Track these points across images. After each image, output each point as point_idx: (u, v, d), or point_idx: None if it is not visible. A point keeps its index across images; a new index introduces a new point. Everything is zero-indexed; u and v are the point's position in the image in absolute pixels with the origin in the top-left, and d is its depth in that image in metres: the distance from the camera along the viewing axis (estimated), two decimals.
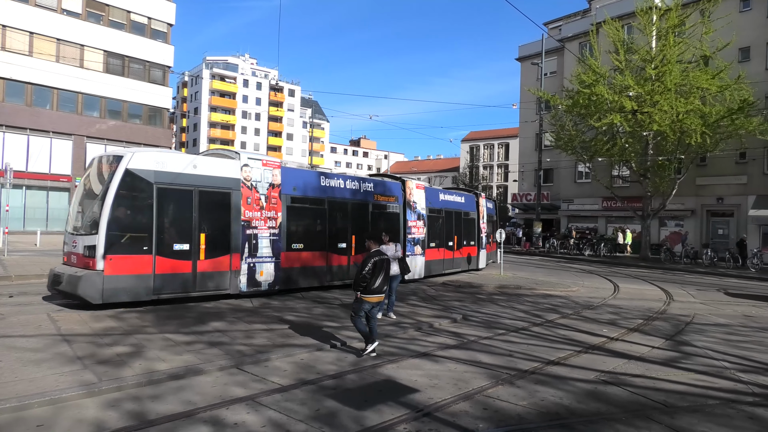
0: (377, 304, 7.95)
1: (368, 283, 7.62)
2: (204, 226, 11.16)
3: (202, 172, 11.26)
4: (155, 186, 10.41)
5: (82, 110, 34.26)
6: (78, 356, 6.84)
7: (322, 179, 14.23)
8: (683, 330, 10.87)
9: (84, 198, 10.96)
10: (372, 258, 7.68)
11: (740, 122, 23.55)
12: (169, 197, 10.72)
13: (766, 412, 5.89)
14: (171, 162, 10.79)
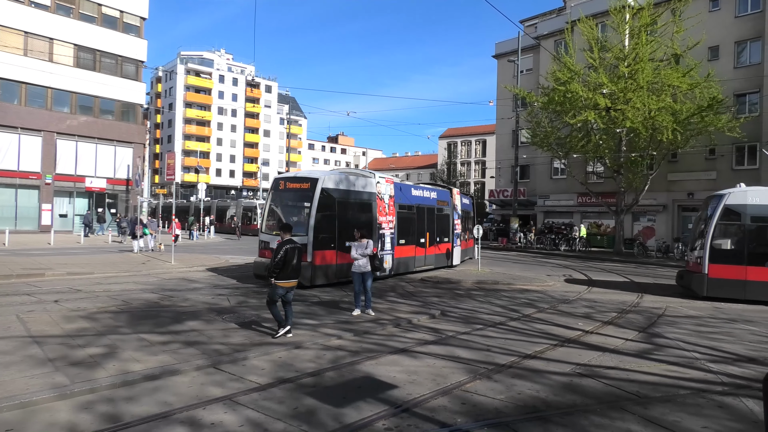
0: (290, 288, 8.53)
1: (281, 270, 8.23)
2: (357, 227, 13.53)
3: (355, 188, 15.52)
4: (336, 200, 14.61)
5: (51, 105, 33.39)
6: (49, 358, 6.68)
7: (413, 190, 18.88)
8: (656, 322, 11.12)
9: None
10: (284, 246, 8.30)
11: (710, 119, 24.15)
12: (343, 206, 14.83)
13: (734, 401, 6.07)
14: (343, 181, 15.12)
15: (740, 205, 14.35)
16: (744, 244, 14.22)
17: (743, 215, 14.27)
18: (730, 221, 14.46)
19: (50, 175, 33.19)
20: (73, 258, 19.48)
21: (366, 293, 10.47)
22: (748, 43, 29.40)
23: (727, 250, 14.36)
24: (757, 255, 14.13)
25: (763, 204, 14.23)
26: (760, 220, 14.27)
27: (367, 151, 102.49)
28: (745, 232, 14.32)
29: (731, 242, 14.44)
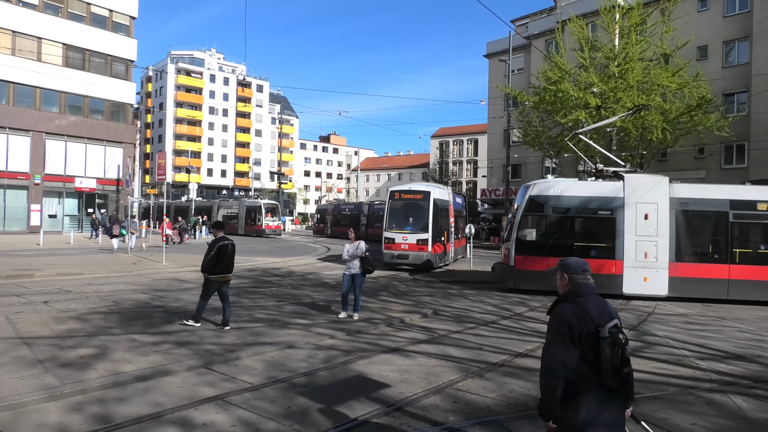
0: (225, 283, 8.91)
1: (215, 265, 8.61)
2: (445, 226, 17.36)
3: (442, 197, 20.75)
4: (438, 207, 19.74)
5: (40, 105, 33.09)
6: (39, 359, 6.64)
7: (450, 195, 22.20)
8: (645, 320, 11.21)
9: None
10: (217, 243, 8.65)
11: (699, 119, 24.36)
12: (439, 210, 19.82)
13: (722, 398, 6.14)
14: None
15: (544, 196, 14.34)
16: (547, 236, 14.35)
17: (546, 206, 14.31)
18: (534, 212, 14.43)
19: (39, 175, 32.88)
20: (63, 259, 19.33)
21: (356, 296, 10.32)
22: (736, 43, 29.69)
23: (532, 242, 14.36)
24: (560, 246, 14.20)
25: (565, 195, 14.28)
26: (562, 212, 14.38)
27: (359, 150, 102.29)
28: (548, 224, 14.42)
29: (536, 233, 14.44)
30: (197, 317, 8.85)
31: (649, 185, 14.15)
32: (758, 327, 10.96)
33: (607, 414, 2.93)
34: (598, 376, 2.90)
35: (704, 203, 14.19)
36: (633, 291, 13.90)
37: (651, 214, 13.90)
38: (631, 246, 13.92)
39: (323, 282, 15.59)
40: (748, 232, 14.37)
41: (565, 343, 2.95)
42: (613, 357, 2.89)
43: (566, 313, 3.02)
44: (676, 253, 13.98)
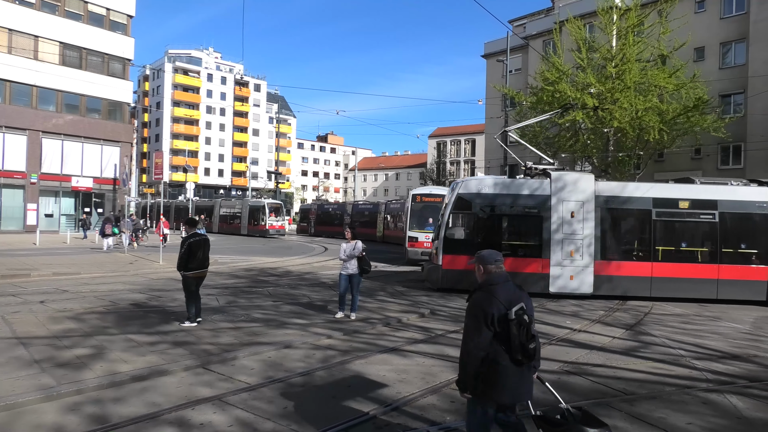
0: (202, 279, 9.11)
1: (187, 262, 8.75)
2: None
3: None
4: None
5: (36, 104, 32.99)
6: (35, 359, 6.62)
7: None
8: (642, 320, 11.24)
9: None
10: (188, 240, 8.81)
11: (695, 119, 24.42)
12: None
13: (718, 397, 6.16)
14: None
15: (472, 194, 14.10)
16: (475, 235, 14.09)
17: (474, 204, 14.07)
18: (462, 211, 14.17)
19: (36, 174, 32.79)
20: (59, 258, 19.28)
21: (353, 296, 10.31)
22: (733, 44, 29.78)
23: (460, 241, 14.07)
24: (487, 245, 13.44)
25: (493, 193, 14.10)
26: (490, 210, 14.20)
27: (357, 150, 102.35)
28: (476, 222, 14.21)
29: (464, 232, 14.25)
30: (190, 316, 8.90)
31: (575, 183, 14.07)
32: (754, 327, 11.01)
33: (517, 381, 3.54)
34: (508, 351, 3.48)
35: (628, 201, 14.19)
36: (559, 289, 13.80)
37: (577, 212, 13.84)
38: (558, 244, 13.84)
39: (320, 282, 15.58)
40: (670, 230, 14.48)
41: (480, 326, 3.50)
42: (520, 335, 3.47)
43: (481, 301, 3.57)
44: (601, 251, 13.92)
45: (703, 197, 14.21)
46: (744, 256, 14.17)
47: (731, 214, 14.19)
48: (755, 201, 14.23)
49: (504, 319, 3.48)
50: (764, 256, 14.03)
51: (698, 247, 14.45)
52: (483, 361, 3.51)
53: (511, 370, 3.50)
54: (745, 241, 14.38)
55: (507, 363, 3.49)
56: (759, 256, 14.09)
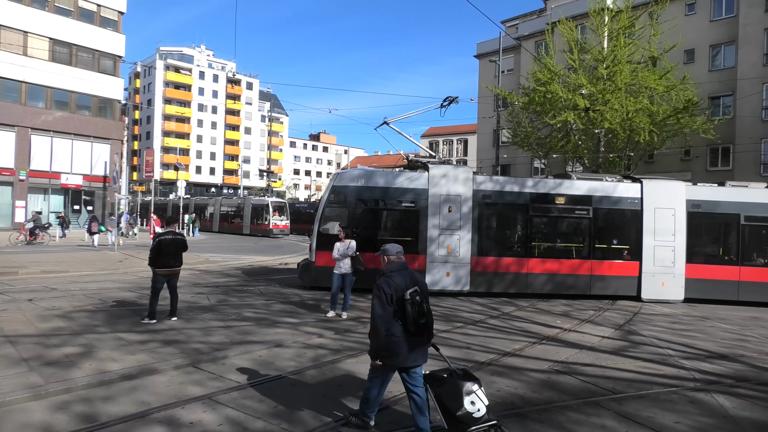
0: (171, 276, 9.17)
1: (156, 259, 8.88)
2: None
3: None
4: None
5: (25, 100, 32.62)
6: (23, 358, 6.56)
7: None
8: (631, 320, 11.34)
9: None
10: (160, 237, 8.95)
11: (685, 121, 24.64)
12: None
13: (705, 397, 6.23)
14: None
15: (347, 187, 13.42)
16: (350, 230, 12.48)
17: (349, 198, 13.45)
18: (337, 204, 13.46)
19: (24, 171, 32.44)
20: (48, 256, 19.11)
21: (345, 296, 10.31)
22: (723, 47, 30.07)
23: (335, 237, 12.59)
24: (363, 241, 12.67)
25: (370, 186, 13.53)
26: (366, 204, 13.66)
27: (349, 149, 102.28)
28: (351, 216, 13.43)
29: (338, 226, 12.84)
30: (151, 313, 8.95)
31: (455, 177, 13.71)
32: (741, 326, 11.13)
33: (415, 349, 4.52)
34: (404, 325, 4.42)
35: (506, 196, 14.07)
36: (436, 287, 13.31)
37: (455, 207, 13.53)
38: (435, 240, 13.44)
39: None
40: (545, 225, 14.55)
41: (383, 304, 4.43)
42: (413, 312, 4.39)
43: (383, 284, 4.51)
44: (478, 248, 13.69)
45: (577, 193, 14.18)
46: (616, 251, 14.24)
47: (604, 210, 14.27)
48: (627, 197, 14.25)
49: (401, 299, 4.42)
50: (635, 251, 14.11)
51: (572, 243, 14.53)
52: (386, 333, 4.42)
53: (407, 340, 4.46)
54: (617, 237, 14.45)
55: (402, 334, 4.45)
56: (631, 252, 14.19)
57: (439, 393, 4.47)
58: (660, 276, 14.05)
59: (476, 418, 4.32)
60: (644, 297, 14.00)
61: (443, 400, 4.43)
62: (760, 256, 14.48)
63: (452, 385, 4.43)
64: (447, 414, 4.40)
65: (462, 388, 4.41)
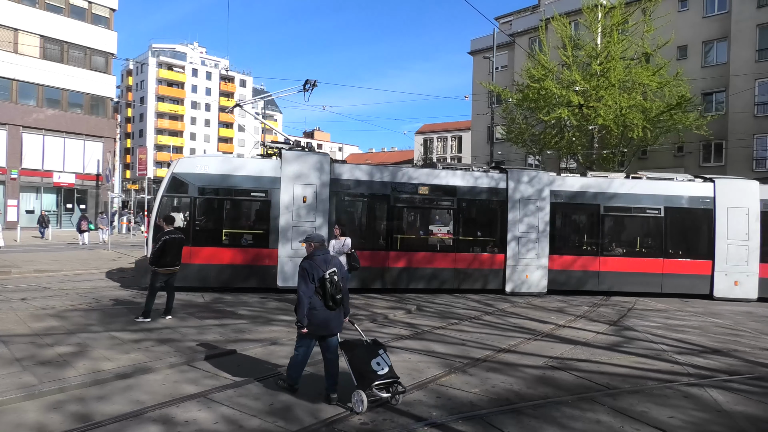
0: (171, 275, 9.18)
1: (159, 258, 8.86)
2: None
3: None
4: None
5: (17, 98, 32.35)
6: (16, 358, 6.51)
7: None
8: (626, 315, 11.39)
9: None
10: (163, 236, 8.93)
11: (678, 117, 24.73)
12: None
13: (699, 391, 6.27)
14: None
15: (189, 175, 12.17)
16: (193, 222, 12.25)
17: (192, 187, 12.17)
18: (178, 194, 12.25)
19: (16, 170, 32.19)
20: (41, 255, 18.98)
21: None
22: (715, 43, 30.20)
23: None
24: (208, 234, 12.43)
25: (216, 174, 12.34)
26: (211, 193, 12.46)
27: (343, 146, 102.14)
28: (194, 207, 12.29)
29: (179, 219, 12.13)
30: (146, 312, 8.90)
31: (311, 165, 12.73)
32: (734, 322, 11.22)
33: (332, 320, 5.49)
34: (324, 300, 5.38)
35: (368, 185, 13.27)
36: (287, 283, 12.19)
37: (310, 197, 12.55)
38: (288, 233, 12.37)
39: None
40: (409, 216, 14.01)
41: (307, 281, 5.38)
42: (331, 289, 5.34)
43: (306, 266, 5.45)
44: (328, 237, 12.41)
45: (443, 183, 13.68)
46: (481, 243, 14.05)
47: (469, 201, 13.96)
48: (493, 187, 13.94)
49: (321, 278, 5.35)
50: (500, 244, 13.87)
51: (439, 235, 14.05)
52: (309, 307, 5.37)
53: (325, 313, 5.41)
54: (482, 229, 14.28)
55: (321, 307, 5.40)
56: (496, 244, 13.97)
57: (351, 356, 5.40)
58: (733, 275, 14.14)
59: (380, 375, 5.27)
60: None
61: (354, 362, 5.35)
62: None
63: (361, 350, 5.43)
64: (357, 372, 5.29)
65: (370, 352, 5.40)
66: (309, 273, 5.36)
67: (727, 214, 14.22)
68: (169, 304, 9.28)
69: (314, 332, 5.47)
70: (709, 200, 14.38)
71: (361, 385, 5.21)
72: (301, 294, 5.36)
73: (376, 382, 5.22)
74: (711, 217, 14.30)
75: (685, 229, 14.83)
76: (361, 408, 5.16)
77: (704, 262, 14.26)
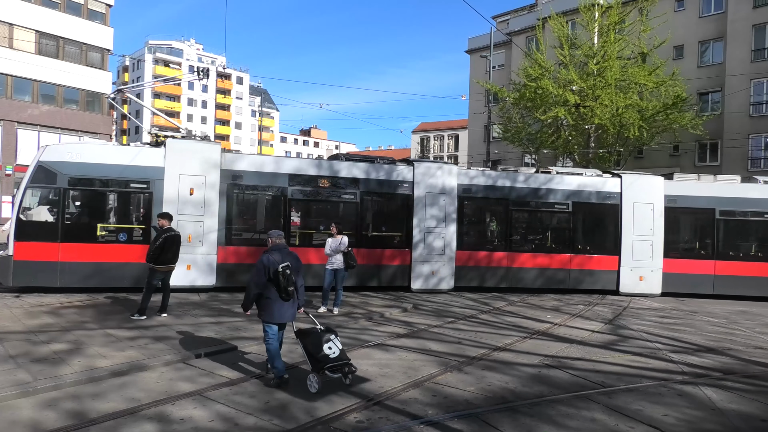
0: (167, 273, 9.19)
1: (159, 256, 8.83)
2: None
3: None
4: None
5: (11, 94, 32.16)
6: (10, 355, 6.49)
7: None
8: (621, 314, 11.44)
9: None
10: (163, 234, 8.92)
11: (674, 117, 24.83)
12: None
13: (693, 389, 6.30)
14: None
15: (58, 163, 10.98)
16: (62, 215, 11.07)
17: (61, 176, 10.96)
18: (44, 185, 11.01)
19: (11, 166, 32.02)
20: None
21: (337, 292, 10.29)
22: (711, 43, 30.30)
23: (39, 223, 11.03)
24: (78, 229, 11.35)
25: (88, 163, 11.20)
26: (84, 184, 11.31)
27: (340, 144, 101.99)
28: (63, 199, 11.06)
29: (46, 212, 11.24)
30: (142, 309, 8.88)
31: (196, 153, 11.80)
32: (728, 320, 11.28)
33: (285, 309, 5.93)
34: (278, 291, 5.79)
35: (262, 177, 12.45)
36: (180, 283, 11.08)
37: (198, 189, 11.66)
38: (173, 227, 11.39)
39: None
40: (305, 209, 13.33)
41: (260, 273, 5.80)
42: (283, 281, 5.73)
43: (263, 259, 5.85)
44: (226, 235, 12.01)
45: (345, 175, 12.99)
46: (387, 239, 13.56)
47: (373, 194, 13.36)
48: (398, 181, 13.34)
49: (275, 271, 5.73)
50: (407, 239, 13.36)
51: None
52: (259, 296, 5.87)
53: (279, 303, 5.86)
54: (387, 224, 13.84)
55: (276, 298, 5.83)
56: (403, 240, 13.46)
57: (305, 343, 5.92)
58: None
59: (332, 359, 5.76)
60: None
61: (308, 348, 5.85)
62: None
63: (315, 337, 5.89)
64: (311, 357, 5.80)
65: (322, 338, 5.86)
66: (264, 266, 5.78)
67: (633, 210, 14.19)
68: (164, 302, 9.26)
69: (269, 320, 5.89)
70: (616, 195, 14.34)
71: (315, 369, 5.72)
72: (251, 283, 5.88)
73: (328, 365, 5.69)
74: (618, 213, 14.27)
75: (592, 225, 14.87)
76: (315, 389, 5.64)
77: (611, 258, 14.22)
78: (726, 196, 14.46)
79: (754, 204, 14.44)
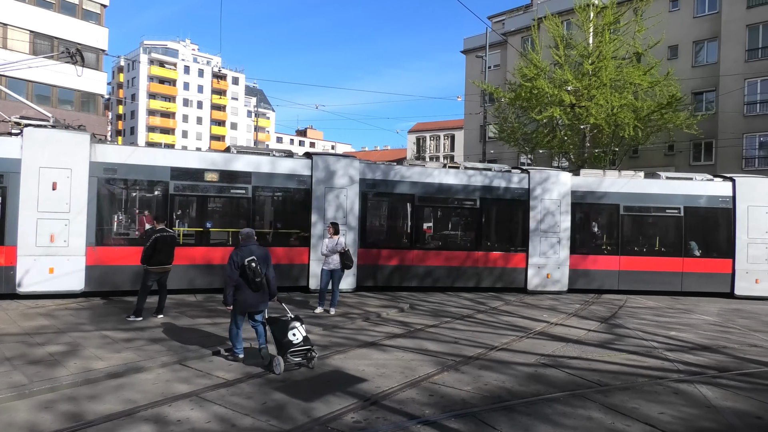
0: (163, 274, 9.17)
1: (151, 257, 8.87)
2: None
3: None
4: None
5: (5, 94, 32.00)
6: (6, 357, 6.46)
7: None
8: (617, 313, 11.48)
9: None
10: (154, 234, 8.97)
11: (669, 116, 24.93)
12: None
13: (689, 387, 6.34)
14: None
15: None
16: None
17: None
18: None
19: None
20: None
21: (333, 292, 10.29)
22: (706, 43, 30.45)
23: None
24: None
25: None
26: None
27: (336, 145, 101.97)
28: None
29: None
30: (137, 310, 8.88)
31: (61, 144, 10.76)
32: (724, 319, 11.33)
33: (254, 299, 6.67)
34: (247, 283, 6.51)
35: (140, 171, 11.29)
36: (40, 288, 10.26)
37: (62, 184, 10.48)
38: (30, 226, 10.22)
39: None
40: (191, 206, 12.44)
41: (233, 266, 6.53)
42: (250, 273, 6.45)
43: (234, 254, 6.62)
44: (96, 235, 10.79)
45: (236, 169, 11.94)
46: (282, 237, 12.64)
47: (267, 189, 12.46)
48: (295, 174, 12.43)
49: (242, 266, 6.47)
50: (303, 237, 12.46)
51: (230, 229, 12.21)
52: (236, 287, 6.55)
53: (250, 293, 6.57)
54: (282, 221, 12.86)
55: (247, 289, 6.54)
56: (299, 237, 12.52)
57: (273, 329, 6.50)
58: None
59: (295, 344, 6.33)
60: None
61: (275, 334, 6.44)
62: None
63: (282, 324, 6.46)
64: (277, 342, 6.39)
65: (288, 325, 6.42)
66: (234, 261, 6.53)
67: (540, 206, 13.95)
68: (161, 303, 9.24)
69: (242, 309, 6.66)
70: (523, 192, 14.04)
71: (280, 352, 6.33)
72: (226, 277, 6.57)
73: (291, 350, 6.30)
74: (526, 209, 14.01)
75: (499, 222, 14.67)
76: (279, 370, 6.29)
77: (519, 255, 13.99)
78: (630, 191, 14.36)
79: (656, 200, 14.48)
